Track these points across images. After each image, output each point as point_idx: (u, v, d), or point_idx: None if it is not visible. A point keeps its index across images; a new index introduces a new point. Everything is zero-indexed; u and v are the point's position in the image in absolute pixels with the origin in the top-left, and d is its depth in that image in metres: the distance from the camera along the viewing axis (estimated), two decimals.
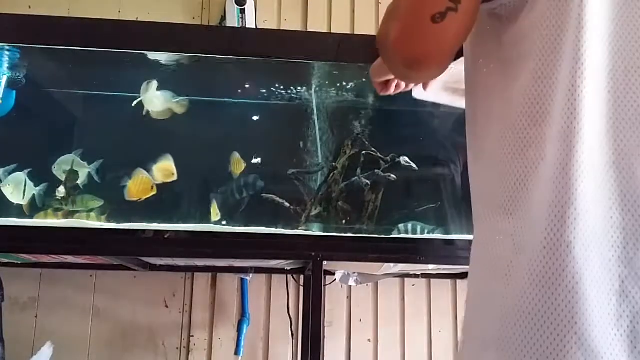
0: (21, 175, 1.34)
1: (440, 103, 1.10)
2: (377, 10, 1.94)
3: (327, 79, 1.43)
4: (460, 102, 1.08)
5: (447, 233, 1.42)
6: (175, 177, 1.36)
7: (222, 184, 1.46)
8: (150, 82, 1.37)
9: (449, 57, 0.61)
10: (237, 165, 1.38)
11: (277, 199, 1.43)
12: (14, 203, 1.36)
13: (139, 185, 1.35)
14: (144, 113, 1.38)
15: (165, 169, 1.36)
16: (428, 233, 1.41)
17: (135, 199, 1.36)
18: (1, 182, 1.34)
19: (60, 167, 1.37)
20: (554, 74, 0.56)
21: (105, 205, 1.38)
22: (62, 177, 1.36)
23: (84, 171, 1.38)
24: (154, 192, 1.35)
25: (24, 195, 1.34)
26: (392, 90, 1.00)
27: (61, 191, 1.36)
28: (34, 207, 1.36)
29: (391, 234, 1.41)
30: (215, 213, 1.40)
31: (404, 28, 0.59)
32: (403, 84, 0.99)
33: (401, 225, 1.41)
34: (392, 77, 0.96)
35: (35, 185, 1.37)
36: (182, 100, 1.39)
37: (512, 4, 0.61)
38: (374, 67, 0.94)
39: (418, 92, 1.07)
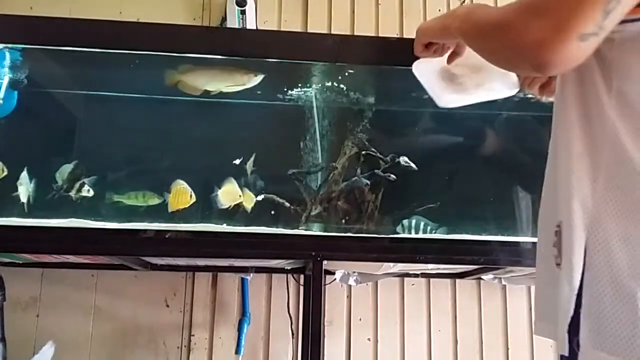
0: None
1: (427, 89, 1.10)
2: (377, 10, 1.95)
3: (327, 79, 1.43)
4: (443, 98, 1.08)
5: (449, 231, 1.42)
6: (241, 199, 1.38)
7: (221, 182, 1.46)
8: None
9: (576, 65, 0.66)
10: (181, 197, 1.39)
11: (277, 199, 1.43)
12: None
13: (178, 197, 1.37)
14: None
15: (230, 192, 1.38)
16: (431, 229, 1.41)
17: (174, 209, 1.37)
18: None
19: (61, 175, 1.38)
20: None
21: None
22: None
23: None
24: (193, 200, 1.37)
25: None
26: (429, 54, 1.05)
27: (87, 189, 1.38)
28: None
29: (394, 230, 1.42)
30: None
31: (552, 34, 0.63)
32: (440, 52, 1.04)
33: (405, 221, 1.41)
34: (440, 42, 1.01)
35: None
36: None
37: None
38: (429, 27, 0.99)
39: (417, 69, 1.10)
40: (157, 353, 1.69)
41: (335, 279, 1.64)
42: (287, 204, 1.44)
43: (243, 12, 1.73)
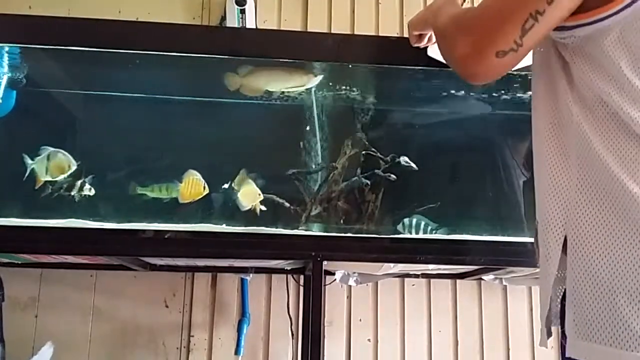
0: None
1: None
2: (377, 10, 1.94)
3: (327, 79, 1.43)
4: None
5: (450, 231, 1.42)
6: (260, 198, 1.38)
7: (221, 183, 1.45)
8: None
9: (498, 78, 0.74)
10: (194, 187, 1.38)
11: (277, 199, 1.43)
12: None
13: (191, 188, 1.36)
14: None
15: (250, 192, 1.38)
16: (432, 229, 1.41)
17: (187, 201, 1.36)
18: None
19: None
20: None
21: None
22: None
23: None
24: (206, 192, 1.36)
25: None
26: (423, 43, 1.13)
27: (89, 188, 1.38)
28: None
29: (395, 230, 1.42)
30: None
31: (472, 51, 0.70)
32: (433, 40, 1.11)
33: (406, 220, 1.41)
34: (428, 32, 1.09)
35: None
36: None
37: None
38: (416, 20, 1.07)
39: (432, 51, 1.15)
40: (157, 354, 1.69)
41: (335, 280, 1.64)
42: (287, 204, 1.43)
43: (243, 12, 1.73)
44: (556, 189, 0.71)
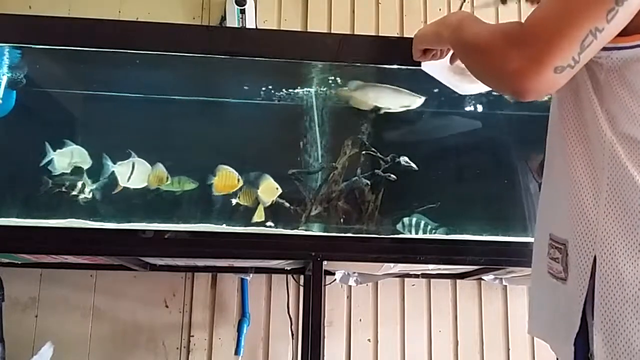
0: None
1: (443, 82, 1.12)
2: (377, 10, 1.94)
3: (327, 79, 1.43)
4: (461, 87, 1.11)
5: (449, 231, 1.42)
6: (280, 191, 1.39)
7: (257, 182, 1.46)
8: None
9: (547, 95, 0.72)
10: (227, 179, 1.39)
11: (278, 199, 1.43)
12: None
13: (225, 180, 1.37)
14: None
15: (269, 188, 1.39)
16: (431, 228, 1.41)
17: (222, 194, 1.38)
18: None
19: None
20: None
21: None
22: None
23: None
24: (241, 184, 1.38)
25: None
26: (428, 59, 1.09)
27: (88, 190, 1.38)
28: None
29: (395, 230, 1.42)
30: (260, 215, 1.40)
31: (529, 66, 0.67)
32: (438, 56, 1.08)
33: (405, 219, 1.41)
34: (436, 48, 1.05)
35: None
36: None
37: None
38: (424, 35, 1.03)
39: (427, 67, 1.12)
40: (157, 354, 1.69)
41: (335, 280, 1.64)
42: (287, 204, 1.43)
43: (242, 12, 1.73)
44: (584, 209, 0.70)
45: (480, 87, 1.11)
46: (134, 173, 1.37)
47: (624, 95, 0.69)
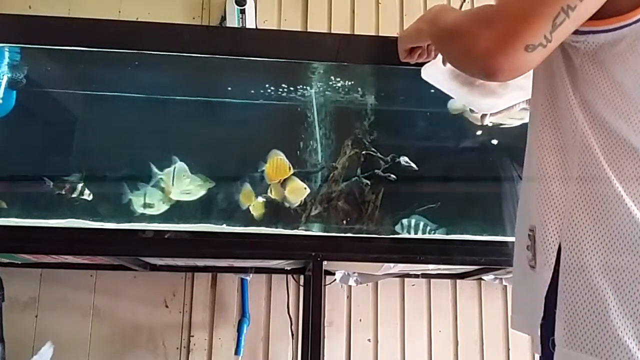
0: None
1: (444, 91, 1.11)
2: (377, 10, 1.94)
3: (327, 79, 1.43)
4: (460, 93, 1.09)
5: (449, 231, 1.42)
6: (307, 191, 1.39)
7: (222, 182, 1.46)
8: None
9: (522, 74, 0.69)
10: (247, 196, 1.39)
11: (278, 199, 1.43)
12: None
13: (276, 168, 1.37)
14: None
15: (297, 189, 1.38)
16: (431, 229, 1.41)
17: (274, 181, 1.37)
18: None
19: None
20: None
21: None
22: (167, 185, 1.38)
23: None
24: (292, 172, 1.38)
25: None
26: (414, 59, 1.09)
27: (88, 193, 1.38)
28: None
29: (395, 230, 1.41)
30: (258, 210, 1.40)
31: (499, 44, 0.66)
32: (425, 56, 1.07)
33: (404, 220, 1.41)
34: (421, 45, 1.05)
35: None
36: None
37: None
38: (406, 34, 1.02)
39: (426, 74, 1.10)
40: (157, 354, 1.69)
41: (335, 280, 1.64)
42: (287, 204, 1.43)
43: (243, 12, 1.73)
44: (553, 195, 0.70)
45: (495, 105, 1.08)
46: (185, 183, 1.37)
47: (600, 80, 0.68)
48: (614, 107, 0.67)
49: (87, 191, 1.38)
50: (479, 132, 1.54)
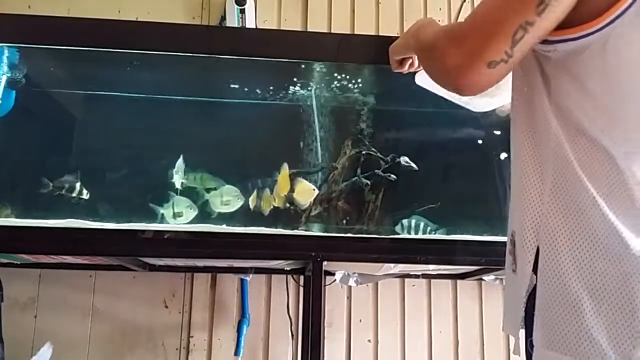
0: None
1: (439, 94, 1.12)
2: (377, 10, 1.94)
3: (327, 78, 1.43)
4: (455, 96, 1.11)
5: (450, 231, 1.42)
6: (316, 192, 1.39)
7: (222, 182, 1.45)
8: None
9: (488, 89, 0.74)
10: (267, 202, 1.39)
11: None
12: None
13: (288, 180, 1.38)
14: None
15: (305, 190, 1.39)
16: (431, 230, 1.41)
17: (284, 194, 1.39)
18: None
19: (180, 173, 1.37)
20: None
21: None
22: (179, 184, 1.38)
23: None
24: (316, 193, 1.40)
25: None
26: (405, 69, 1.13)
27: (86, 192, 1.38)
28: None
29: (393, 231, 1.41)
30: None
31: (463, 61, 0.71)
32: (416, 65, 1.12)
33: (404, 221, 1.41)
34: (409, 56, 1.10)
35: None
36: None
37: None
38: (396, 46, 1.08)
39: (421, 79, 1.14)
40: (156, 354, 1.68)
41: (335, 280, 1.64)
42: (287, 204, 1.43)
43: (242, 11, 1.73)
44: (530, 200, 0.72)
45: (490, 104, 1.10)
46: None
47: (570, 88, 0.71)
48: (584, 113, 0.69)
49: (84, 191, 1.38)
50: (479, 132, 1.54)
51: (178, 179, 1.37)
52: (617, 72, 0.67)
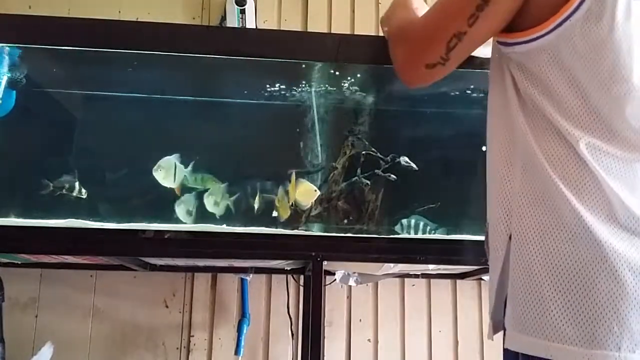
0: (171, 160, 1.37)
1: None
2: (377, 10, 1.94)
3: (327, 79, 1.43)
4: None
5: (450, 231, 1.42)
6: (318, 193, 1.39)
7: (222, 182, 1.45)
8: None
9: (430, 83, 0.84)
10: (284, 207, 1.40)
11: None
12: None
13: (303, 192, 1.39)
14: None
15: (306, 191, 1.39)
16: (431, 229, 1.41)
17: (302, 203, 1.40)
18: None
19: (162, 171, 1.36)
20: None
21: None
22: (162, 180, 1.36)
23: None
24: (318, 194, 1.40)
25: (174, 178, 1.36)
26: None
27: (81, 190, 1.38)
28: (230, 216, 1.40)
29: (393, 230, 1.41)
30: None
31: (405, 61, 0.83)
32: None
33: (404, 221, 1.41)
34: None
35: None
36: None
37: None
38: (385, 17, 1.10)
39: None
40: (156, 354, 1.69)
41: (335, 280, 1.64)
42: (287, 204, 1.43)
43: (242, 12, 1.73)
44: (503, 192, 0.75)
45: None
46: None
47: (528, 85, 0.75)
48: (546, 107, 0.72)
49: (83, 190, 1.38)
50: (478, 132, 1.54)
51: (161, 177, 1.35)
52: (571, 68, 0.70)
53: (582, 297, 0.64)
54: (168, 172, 1.36)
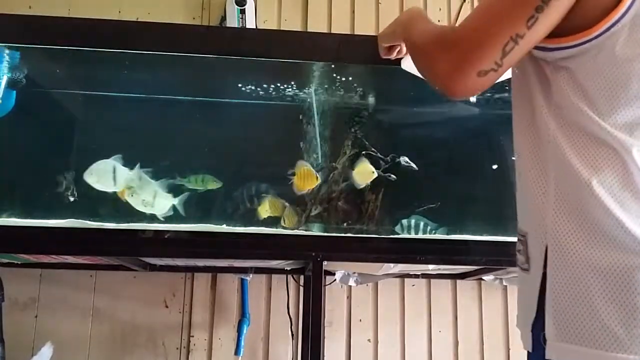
0: (108, 163, 1.34)
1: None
2: (377, 10, 1.94)
3: (327, 79, 1.43)
4: None
5: (449, 231, 1.42)
6: (375, 175, 1.39)
7: (222, 182, 1.46)
8: None
9: (477, 94, 0.80)
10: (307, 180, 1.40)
11: (278, 199, 1.43)
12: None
13: (304, 178, 1.38)
14: None
15: (364, 171, 1.39)
16: (431, 229, 1.41)
17: (303, 192, 1.39)
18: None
19: (93, 175, 1.33)
20: None
21: None
22: (97, 185, 1.34)
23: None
24: (318, 182, 1.40)
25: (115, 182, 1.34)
26: (393, 56, 1.16)
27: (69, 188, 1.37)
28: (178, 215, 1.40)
29: (393, 230, 1.41)
30: (265, 210, 1.41)
31: (453, 69, 0.73)
32: (404, 52, 1.15)
33: (404, 221, 1.41)
34: (397, 44, 1.12)
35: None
36: None
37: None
38: (384, 34, 1.10)
39: (407, 65, 1.16)
40: (156, 354, 1.69)
41: (335, 280, 1.64)
42: (287, 204, 1.43)
43: (242, 12, 1.73)
44: (537, 201, 0.74)
45: None
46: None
47: (566, 87, 0.73)
48: (582, 111, 0.71)
49: (74, 190, 1.38)
50: (478, 132, 1.55)
51: (93, 181, 1.31)
52: (613, 71, 0.69)
53: (633, 300, 0.64)
54: (102, 176, 1.32)
